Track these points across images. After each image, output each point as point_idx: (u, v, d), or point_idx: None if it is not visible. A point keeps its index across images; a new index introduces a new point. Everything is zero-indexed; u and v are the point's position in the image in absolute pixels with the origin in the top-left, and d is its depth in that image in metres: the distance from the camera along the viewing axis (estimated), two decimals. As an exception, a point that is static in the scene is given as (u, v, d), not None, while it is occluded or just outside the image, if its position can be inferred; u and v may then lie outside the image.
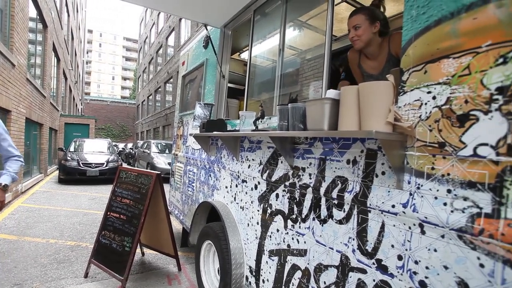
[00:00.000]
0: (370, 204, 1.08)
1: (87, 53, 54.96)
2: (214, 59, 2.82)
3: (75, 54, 21.07)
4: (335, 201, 1.24)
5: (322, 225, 1.31)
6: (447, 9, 0.90)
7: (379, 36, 1.58)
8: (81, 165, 8.28)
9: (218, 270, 2.37)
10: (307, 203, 1.43)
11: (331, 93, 1.18)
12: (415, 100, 0.96)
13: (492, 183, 0.76)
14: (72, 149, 9.29)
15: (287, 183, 1.59)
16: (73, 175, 8.20)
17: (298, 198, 1.49)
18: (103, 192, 7.16)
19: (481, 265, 0.77)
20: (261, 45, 2.61)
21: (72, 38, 18.53)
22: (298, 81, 3.01)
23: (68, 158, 8.39)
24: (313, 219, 1.37)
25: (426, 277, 0.89)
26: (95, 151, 9.45)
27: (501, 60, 0.78)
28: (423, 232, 0.90)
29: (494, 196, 0.76)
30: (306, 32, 2.81)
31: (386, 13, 1.75)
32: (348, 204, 1.18)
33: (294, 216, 1.51)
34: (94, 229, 4.14)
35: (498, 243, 0.74)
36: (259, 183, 1.85)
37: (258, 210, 1.84)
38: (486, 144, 0.78)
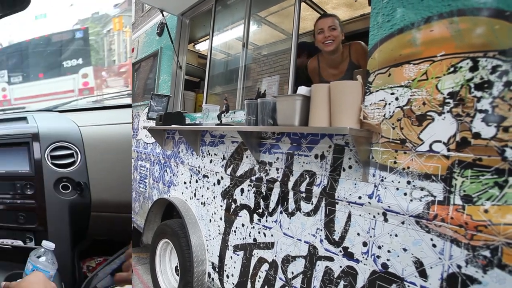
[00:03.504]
0: (338, 196, 1.15)
1: None
2: (170, 48, 2.66)
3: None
4: (303, 195, 1.30)
5: (290, 218, 1.35)
6: (408, 19, 1.01)
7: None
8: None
9: (175, 269, 2.28)
10: (274, 197, 1.46)
11: (302, 90, 1.22)
12: (380, 100, 1.05)
13: (444, 174, 0.89)
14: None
15: (253, 178, 1.59)
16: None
17: (264, 192, 1.51)
18: None
19: (434, 245, 0.89)
20: (222, 37, 2.55)
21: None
22: (261, 75, 3.03)
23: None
24: (281, 212, 1.41)
25: (388, 260, 0.99)
26: None
27: (452, 69, 0.90)
28: (386, 220, 1.00)
29: (445, 186, 0.88)
30: (270, 27, 2.84)
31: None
32: (316, 197, 1.24)
33: (260, 210, 1.53)
34: None
35: (447, 226, 0.87)
36: (222, 178, 1.83)
37: (221, 206, 1.81)
38: (439, 141, 0.90)
